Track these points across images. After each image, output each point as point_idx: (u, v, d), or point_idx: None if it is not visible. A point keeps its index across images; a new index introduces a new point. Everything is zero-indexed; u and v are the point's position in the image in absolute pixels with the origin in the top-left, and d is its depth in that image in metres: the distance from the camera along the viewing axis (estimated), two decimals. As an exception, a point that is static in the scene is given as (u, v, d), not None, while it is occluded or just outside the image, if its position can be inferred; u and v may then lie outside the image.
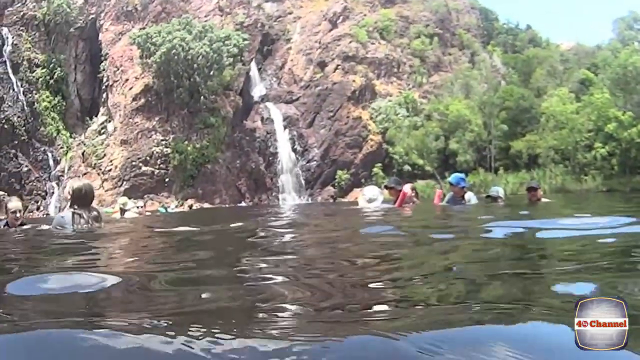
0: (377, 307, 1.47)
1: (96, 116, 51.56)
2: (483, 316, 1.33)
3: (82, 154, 47.70)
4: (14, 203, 6.64)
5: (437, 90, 54.50)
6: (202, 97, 46.76)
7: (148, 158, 45.15)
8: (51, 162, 47.69)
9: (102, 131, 49.24)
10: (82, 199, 5.25)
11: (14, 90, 46.91)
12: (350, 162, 48.12)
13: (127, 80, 49.18)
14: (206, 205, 42.81)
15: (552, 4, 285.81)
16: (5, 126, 44.66)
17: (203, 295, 1.64)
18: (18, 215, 6.42)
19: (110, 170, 45.90)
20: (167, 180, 44.73)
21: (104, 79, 51.41)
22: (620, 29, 54.89)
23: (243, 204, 43.97)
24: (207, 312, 1.44)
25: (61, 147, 48.57)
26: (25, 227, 6.35)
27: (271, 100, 51.22)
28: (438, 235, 3.68)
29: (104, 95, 51.28)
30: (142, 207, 13.82)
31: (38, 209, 44.83)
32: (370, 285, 1.87)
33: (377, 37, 55.02)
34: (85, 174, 46.58)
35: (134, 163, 45.11)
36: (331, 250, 3.21)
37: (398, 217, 6.23)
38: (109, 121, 49.64)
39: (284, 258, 2.78)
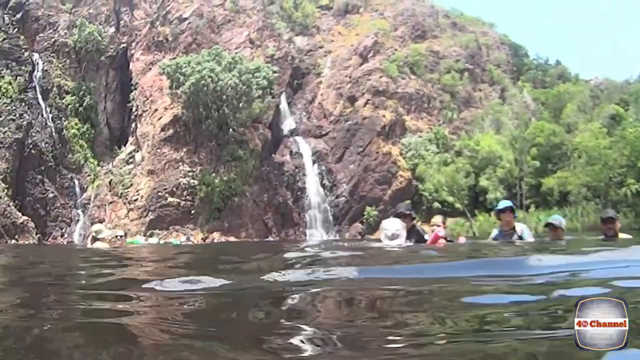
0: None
1: (125, 145, 51.52)
2: None
3: (109, 182, 47.52)
4: None
5: (467, 126, 53.84)
6: (230, 130, 46.35)
7: (174, 189, 44.71)
8: (77, 190, 47.65)
9: (130, 160, 49.08)
10: None
11: (42, 116, 47.23)
12: (379, 198, 47.19)
13: (156, 110, 49.17)
14: (232, 238, 42.16)
15: (580, 39, 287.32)
16: (33, 151, 44.84)
17: None
18: None
19: (136, 200, 45.58)
20: (193, 212, 44.17)
21: (134, 109, 51.50)
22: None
23: (270, 238, 43.22)
24: None
25: (88, 175, 48.59)
26: None
27: (300, 135, 50.80)
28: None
29: (133, 125, 51.30)
30: (122, 236, 13.17)
31: (62, 235, 44.63)
32: None
33: (408, 72, 54.58)
34: (111, 202, 46.45)
35: (160, 194, 44.69)
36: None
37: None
38: (137, 151, 49.47)
39: None
